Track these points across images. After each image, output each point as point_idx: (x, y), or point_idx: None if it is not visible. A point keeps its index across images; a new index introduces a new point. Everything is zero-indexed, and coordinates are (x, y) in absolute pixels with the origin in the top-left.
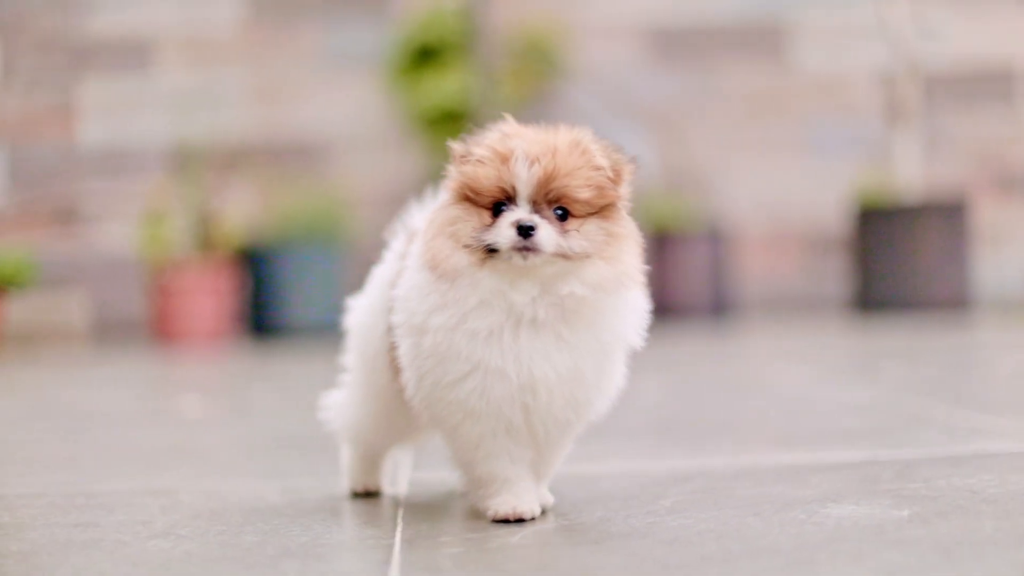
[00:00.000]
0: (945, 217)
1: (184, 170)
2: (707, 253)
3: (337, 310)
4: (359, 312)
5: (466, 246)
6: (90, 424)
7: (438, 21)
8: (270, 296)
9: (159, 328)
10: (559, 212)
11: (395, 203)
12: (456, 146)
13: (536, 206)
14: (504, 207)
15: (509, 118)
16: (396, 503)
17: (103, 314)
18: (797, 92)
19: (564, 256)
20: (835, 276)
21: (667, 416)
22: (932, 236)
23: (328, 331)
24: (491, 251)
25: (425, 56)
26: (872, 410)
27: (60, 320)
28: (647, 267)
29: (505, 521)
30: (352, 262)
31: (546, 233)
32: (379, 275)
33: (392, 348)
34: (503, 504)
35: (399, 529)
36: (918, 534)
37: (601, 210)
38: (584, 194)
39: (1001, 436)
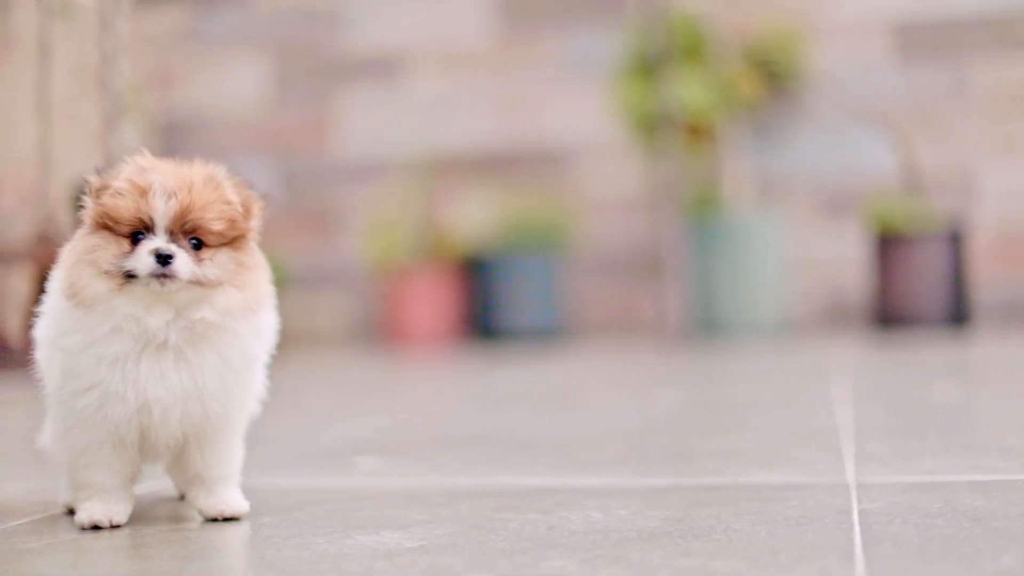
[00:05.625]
0: None
1: (417, 179)
2: (944, 257)
3: (555, 315)
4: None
5: (106, 272)
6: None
7: (673, 25)
8: (494, 301)
9: (388, 332)
10: (194, 242)
11: (629, 209)
12: (92, 179)
13: (172, 236)
14: (142, 236)
15: (145, 152)
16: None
17: (349, 317)
18: None
19: (199, 283)
20: None
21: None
22: None
23: (547, 335)
24: (129, 277)
25: (658, 61)
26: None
27: (310, 323)
28: (873, 272)
29: (88, 527)
30: (577, 268)
31: (182, 261)
32: (52, 286)
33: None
34: (85, 511)
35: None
36: (398, 564)
37: (232, 241)
38: (217, 226)
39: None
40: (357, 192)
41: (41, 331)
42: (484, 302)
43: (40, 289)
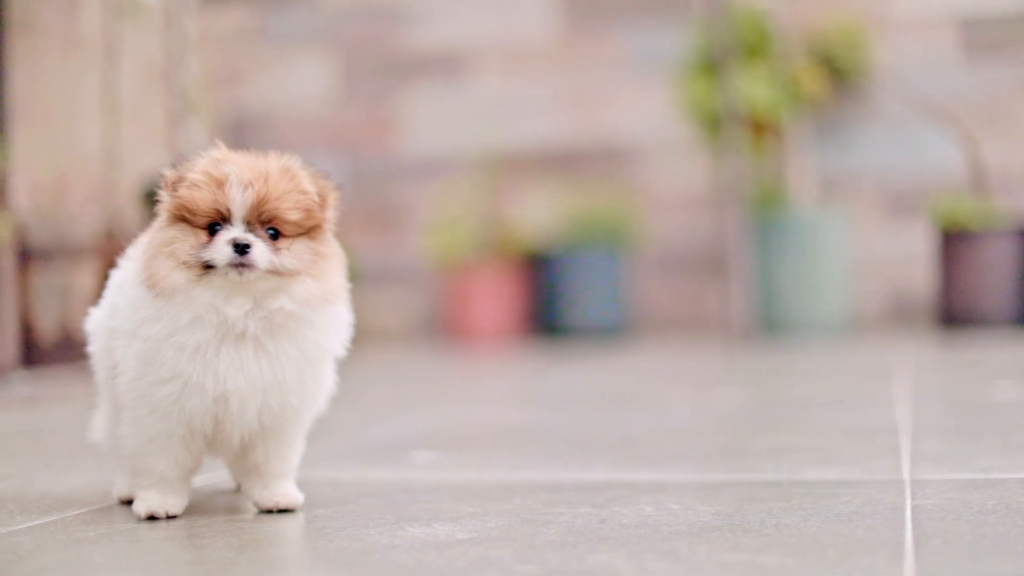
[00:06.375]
0: None
1: (481, 176)
2: (1010, 255)
3: (619, 312)
4: (94, 315)
5: (184, 263)
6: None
7: (737, 22)
8: (557, 298)
9: (452, 328)
10: (271, 232)
11: (694, 206)
12: (168, 172)
13: (250, 226)
14: (219, 227)
15: (220, 144)
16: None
17: (413, 314)
18: None
19: (276, 272)
20: None
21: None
22: None
23: (611, 332)
24: (208, 267)
25: (722, 58)
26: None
27: (375, 319)
28: (938, 270)
29: (144, 518)
30: (641, 265)
31: (260, 251)
32: (113, 280)
33: (111, 351)
34: (142, 501)
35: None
36: (448, 556)
37: (309, 231)
38: (294, 216)
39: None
40: (422, 189)
41: (103, 323)
42: (548, 299)
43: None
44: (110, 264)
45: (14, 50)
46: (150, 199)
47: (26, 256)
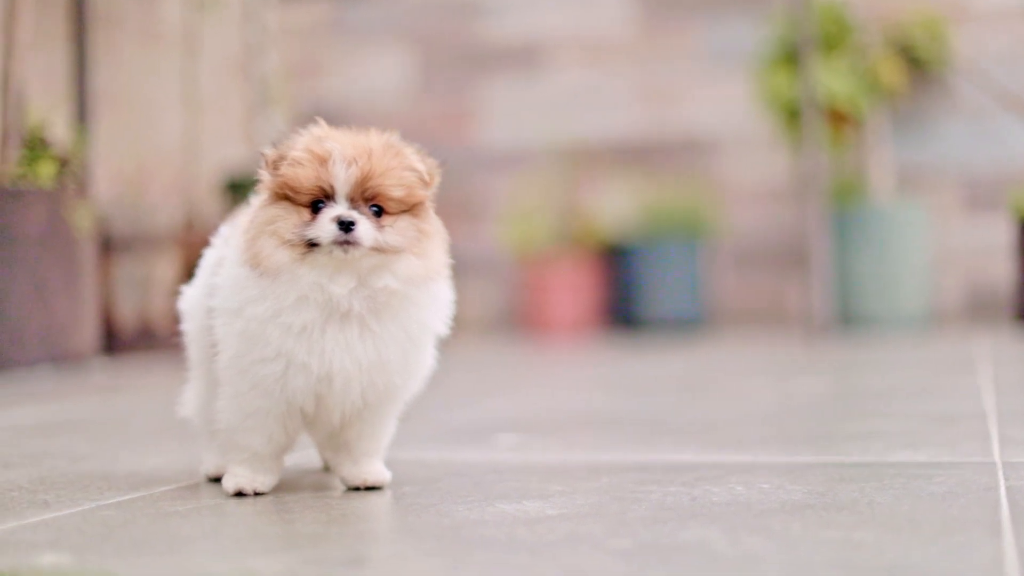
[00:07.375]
0: None
1: (558, 168)
2: None
3: (697, 305)
4: (188, 294)
5: (288, 241)
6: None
7: (817, 13)
8: (635, 290)
9: (530, 319)
10: (374, 209)
11: (772, 199)
12: (268, 151)
13: (353, 203)
14: (322, 204)
15: (321, 121)
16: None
17: (491, 305)
18: None
19: (380, 250)
20: None
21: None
22: None
23: (688, 324)
24: (312, 245)
25: (802, 50)
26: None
27: (455, 309)
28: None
29: (232, 494)
30: (719, 258)
31: (365, 228)
32: (207, 259)
33: (209, 329)
34: (231, 477)
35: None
36: (538, 531)
37: (411, 208)
38: (398, 193)
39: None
40: (499, 181)
41: (199, 301)
42: (625, 291)
43: (188, 273)
44: (189, 254)
45: (97, 43)
46: (229, 189)
47: (107, 246)
